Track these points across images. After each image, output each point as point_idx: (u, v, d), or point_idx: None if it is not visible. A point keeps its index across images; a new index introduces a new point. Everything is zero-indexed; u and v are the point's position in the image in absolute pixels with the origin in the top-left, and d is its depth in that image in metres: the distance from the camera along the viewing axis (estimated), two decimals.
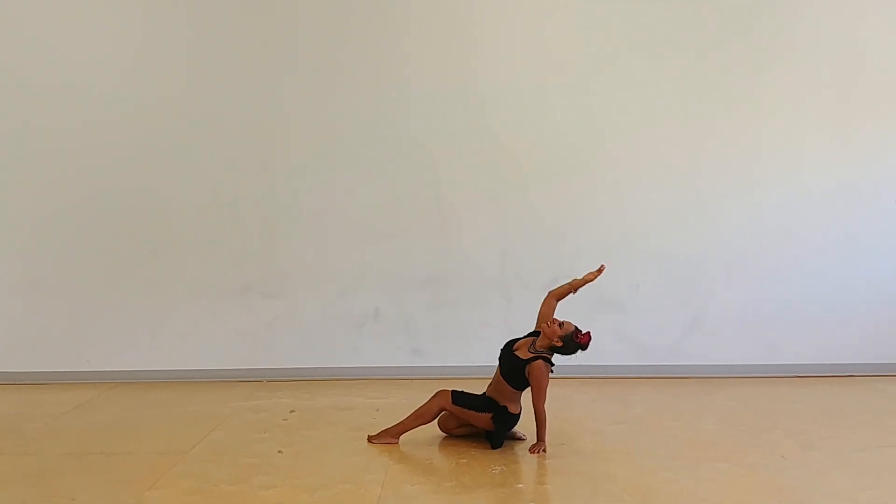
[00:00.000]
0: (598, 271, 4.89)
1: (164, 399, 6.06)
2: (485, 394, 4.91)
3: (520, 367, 4.75)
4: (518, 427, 4.97)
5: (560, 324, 4.75)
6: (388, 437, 4.90)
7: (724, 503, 4.00)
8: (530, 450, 4.73)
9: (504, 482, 4.30)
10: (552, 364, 4.75)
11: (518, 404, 4.85)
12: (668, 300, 6.57)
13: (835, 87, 6.47)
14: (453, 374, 6.05)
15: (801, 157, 6.52)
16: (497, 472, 4.45)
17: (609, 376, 6.51)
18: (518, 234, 6.53)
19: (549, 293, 4.97)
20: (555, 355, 4.77)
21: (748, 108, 6.50)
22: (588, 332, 4.72)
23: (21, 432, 5.27)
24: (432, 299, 6.45)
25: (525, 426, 4.94)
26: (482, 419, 4.81)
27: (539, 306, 4.95)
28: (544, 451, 4.70)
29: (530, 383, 4.71)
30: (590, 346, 4.73)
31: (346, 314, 6.59)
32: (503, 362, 4.86)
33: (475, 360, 5.97)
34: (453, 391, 4.86)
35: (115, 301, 6.59)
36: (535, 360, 4.71)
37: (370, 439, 4.93)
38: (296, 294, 6.59)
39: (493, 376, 4.93)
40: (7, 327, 6.61)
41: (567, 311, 6.54)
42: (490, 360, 5.88)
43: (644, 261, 6.54)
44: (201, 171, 6.53)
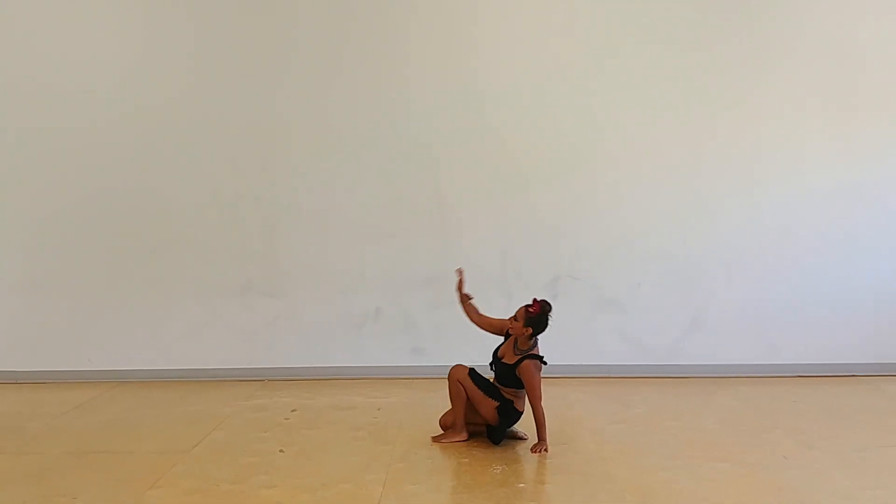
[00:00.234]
0: (458, 272, 5.03)
1: (164, 398, 6.06)
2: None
3: (510, 370, 4.76)
4: (518, 426, 4.97)
5: (515, 317, 4.78)
6: (453, 436, 4.89)
7: (724, 503, 4.01)
8: (532, 449, 4.73)
9: (505, 482, 4.30)
10: (541, 358, 4.75)
11: (523, 402, 4.85)
12: (669, 300, 6.57)
13: (835, 87, 6.47)
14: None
15: (801, 157, 6.52)
16: (498, 471, 4.45)
17: (610, 376, 6.51)
18: (518, 233, 6.53)
19: (472, 315, 5.04)
20: (538, 345, 4.79)
21: (748, 108, 6.50)
22: (534, 300, 4.74)
23: (22, 431, 5.28)
24: (433, 299, 6.45)
25: (525, 425, 4.94)
26: (488, 406, 4.79)
27: None
28: (546, 450, 4.70)
29: (524, 383, 4.72)
30: (552, 309, 4.75)
31: (346, 313, 6.59)
32: (495, 371, 4.88)
33: (476, 360, 5.93)
34: (471, 368, 4.88)
35: (116, 300, 6.60)
36: (522, 360, 4.72)
37: (435, 439, 4.93)
38: (296, 293, 6.60)
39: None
40: (8, 326, 6.62)
41: (568, 311, 6.58)
42: (490, 358, 5.90)
43: (644, 260, 6.54)
44: (202, 170, 6.54)
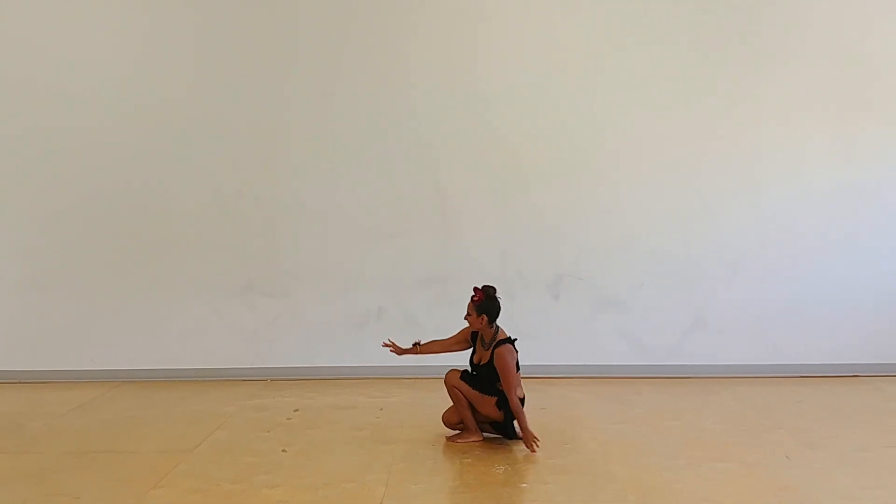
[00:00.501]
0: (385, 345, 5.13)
1: (166, 398, 6.06)
2: None
3: (490, 367, 4.76)
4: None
5: (468, 313, 4.80)
6: (468, 437, 4.89)
7: (726, 502, 4.01)
8: (525, 443, 4.71)
9: (507, 481, 4.30)
10: (511, 340, 4.75)
11: (520, 388, 4.82)
12: (670, 300, 6.57)
13: (837, 87, 6.46)
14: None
15: (802, 158, 6.51)
16: (500, 471, 4.45)
17: (611, 376, 6.51)
18: (519, 233, 6.53)
19: (436, 350, 5.10)
20: (500, 329, 4.81)
21: (750, 109, 6.49)
22: (474, 289, 4.77)
23: (24, 431, 5.28)
24: (434, 298, 6.46)
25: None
26: (488, 403, 4.79)
27: (537, 306, 4.84)
28: (536, 441, 4.67)
29: (498, 371, 4.70)
30: (496, 290, 4.78)
31: (348, 313, 6.59)
32: (478, 377, 4.85)
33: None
34: (463, 370, 4.90)
35: (117, 300, 6.60)
36: (496, 347, 4.72)
37: (449, 441, 4.92)
38: (298, 293, 6.60)
39: None
40: (10, 326, 6.62)
41: (569, 311, 6.58)
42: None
43: (646, 260, 6.54)
44: (203, 170, 6.54)
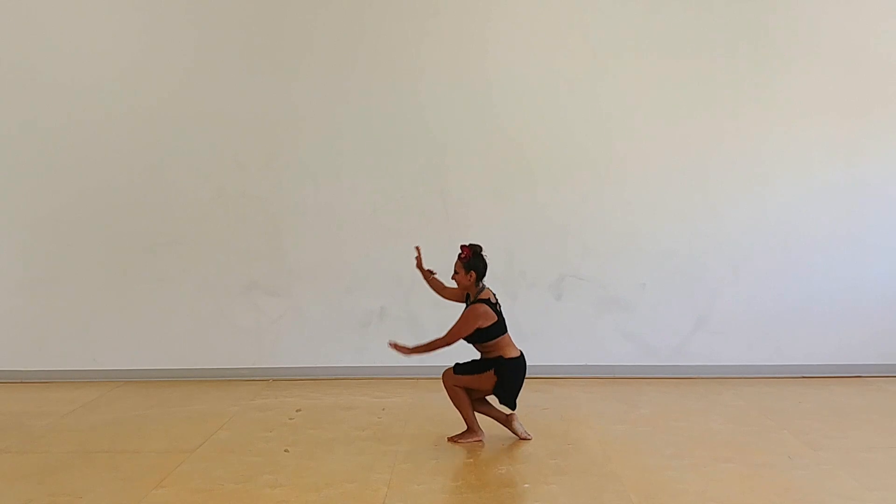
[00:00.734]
0: (417, 249, 5.15)
1: (169, 398, 6.07)
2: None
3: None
4: (513, 423, 4.96)
5: (455, 271, 4.85)
6: (469, 438, 4.89)
7: (730, 502, 4.00)
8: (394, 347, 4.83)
9: (510, 482, 4.30)
10: (492, 303, 4.77)
11: (511, 348, 4.84)
12: (675, 300, 6.55)
13: (840, 87, 6.44)
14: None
15: (806, 158, 6.49)
16: (503, 471, 4.44)
17: (615, 376, 6.50)
18: (523, 232, 6.52)
19: (438, 290, 5.19)
20: (486, 289, 4.84)
21: (755, 108, 6.47)
22: (461, 247, 4.84)
23: (27, 430, 5.29)
24: (437, 299, 6.43)
25: (525, 424, 4.94)
26: (486, 378, 4.80)
27: (541, 306, 4.88)
28: (398, 347, 4.81)
29: (458, 320, 4.78)
30: (482, 248, 4.85)
31: (351, 313, 6.59)
32: (467, 339, 4.89)
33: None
34: (454, 365, 4.90)
35: (120, 300, 6.61)
36: (473, 304, 4.79)
37: (450, 439, 4.92)
38: (301, 292, 6.60)
39: None
40: (14, 326, 6.64)
41: (573, 311, 6.57)
42: None
43: (650, 260, 6.53)
44: (207, 169, 6.54)
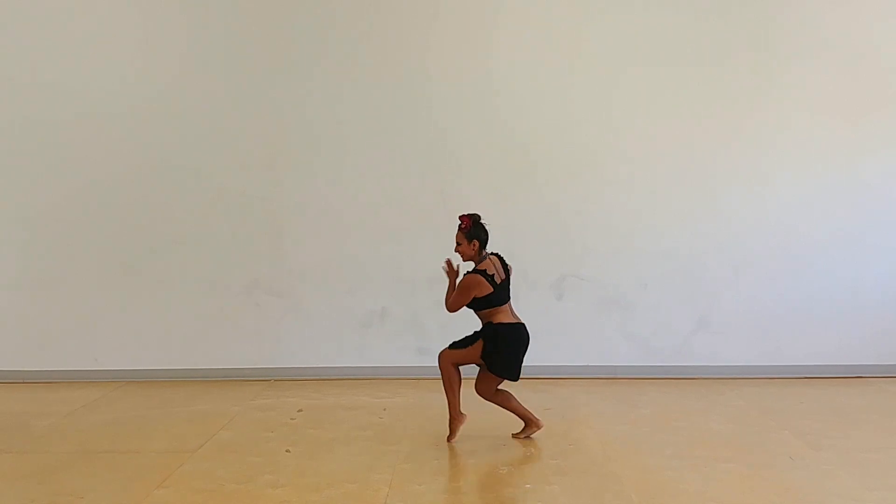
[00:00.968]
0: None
1: (171, 398, 6.07)
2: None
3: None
4: (506, 423, 4.97)
5: (458, 243, 4.88)
6: (455, 425, 4.91)
7: (731, 503, 4.00)
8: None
9: (511, 482, 4.30)
10: (487, 274, 4.78)
11: (505, 315, 4.84)
12: (676, 300, 6.56)
13: (840, 88, 6.44)
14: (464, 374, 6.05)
15: (808, 158, 6.50)
16: (504, 472, 4.45)
17: (616, 377, 6.51)
18: (525, 232, 6.52)
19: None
20: (487, 258, 4.86)
21: (756, 109, 6.47)
22: (460, 217, 4.90)
23: (29, 430, 5.30)
24: (439, 298, 6.43)
25: (507, 422, 4.95)
26: (476, 348, 4.82)
27: (543, 306, 4.83)
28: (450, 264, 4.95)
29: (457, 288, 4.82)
30: (480, 217, 4.91)
31: (353, 313, 6.60)
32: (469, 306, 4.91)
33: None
34: (450, 345, 4.93)
35: (122, 300, 6.62)
36: (468, 274, 4.82)
37: (450, 440, 4.93)
38: (303, 293, 6.61)
39: None
40: (15, 326, 6.64)
41: (574, 311, 6.57)
42: None
43: (651, 260, 6.53)
44: (209, 169, 6.55)
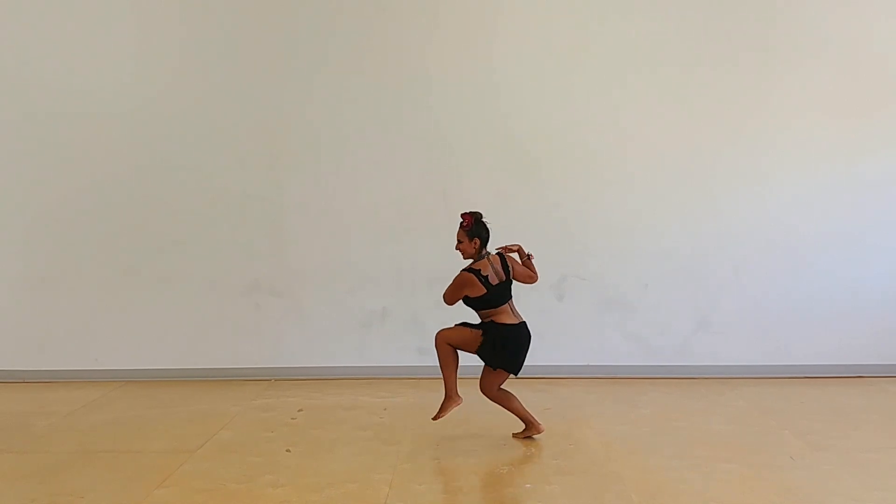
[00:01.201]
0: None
1: (171, 398, 6.07)
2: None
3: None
4: (506, 423, 4.97)
5: (459, 241, 4.89)
6: (448, 404, 4.89)
7: (732, 502, 4.00)
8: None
9: (512, 482, 4.30)
10: (481, 274, 4.79)
11: (506, 316, 4.85)
12: (677, 300, 6.55)
13: (841, 86, 6.42)
14: (460, 373, 6.03)
15: (807, 157, 6.48)
16: (505, 471, 4.45)
17: (616, 376, 6.50)
18: (525, 232, 6.48)
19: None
20: (486, 257, 4.88)
21: (756, 108, 6.46)
22: (462, 215, 4.89)
23: (30, 430, 5.30)
24: (439, 299, 6.44)
25: (507, 422, 4.95)
26: (474, 337, 4.84)
27: (544, 306, 4.86)
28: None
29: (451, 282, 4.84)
30: (482, 214, 4.92)
31: (353, 313, 6.59)
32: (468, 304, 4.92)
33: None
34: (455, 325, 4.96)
35: (122, 300, 6.61)
36: (462, 271, 4.84)
37: (435, 419, 4.92)
38: (303, 293, 6.61)
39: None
40: (15, 326, 6.64)
41: (575, 311, 6.57)
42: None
43: (651, 260, 6.52)
44: (209, 169, 6.55)
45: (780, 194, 6.51)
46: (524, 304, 6.40)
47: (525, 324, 4.91)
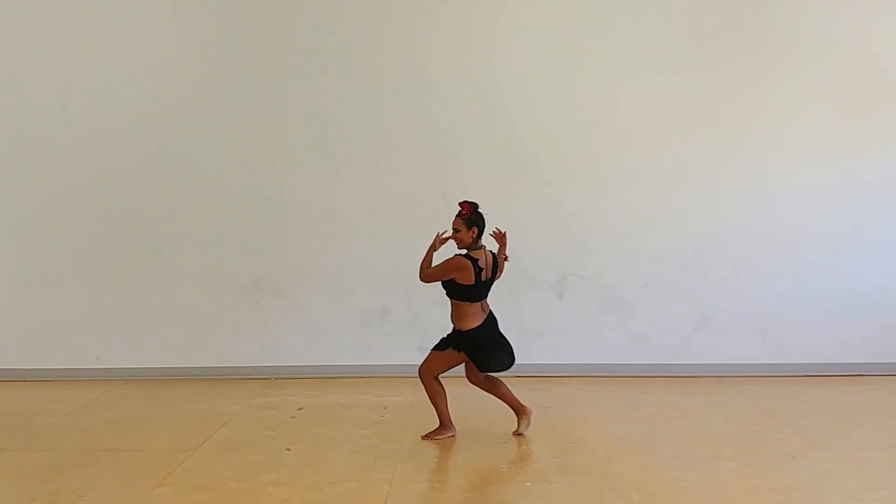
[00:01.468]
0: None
1: (172, 396, 6.07)
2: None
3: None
4: (522, 417, 4.97)
5: (456, 229, 4.82)
6: (441, 433, 4.91)
7: (732, 501, 4.00)
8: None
9: (512, 480, 4.30)
10: (480, 267, 4.76)
11: (471, 319, 4.82)
12: (677, 299, 6.55)
13: (841, 85, 6.43)
14: (460, 372, 6.04)
15: (808, 156, 6.49)
16: (505, 470, 4.44)
17: (617, 375, 6.49)
18: (525, 231, 6.49)
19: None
20: (481, 248, 4.84)
21: (757, 108, 6.47)
22: (460, 204, 4.83)
23: (31, 429, 5.30)
24: (439, 297, 6.41)
25: (507, 420, 4.95)
26: (450, 355, 4.85)
27: (544, 306, 4.83)
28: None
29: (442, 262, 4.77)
30: (478, 204, 4.85)
31: (353, 312, 6.60)
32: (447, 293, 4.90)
33: None
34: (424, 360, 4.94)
35: (123, 298, 6.62)
36: (459, 255, 4.80)
37: (424, 438, 4.93)
38: (304, 291, 6.61)
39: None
40: (16, 324, 6.65)
41: (575, 310, 6.56)
42: None
43: (652, 259, 6.52)
44: (210, 168, 6.55)
45: (781, 193, 6.51)
46: (525, 302, 6.45)
47: (490, 313, 4.90)
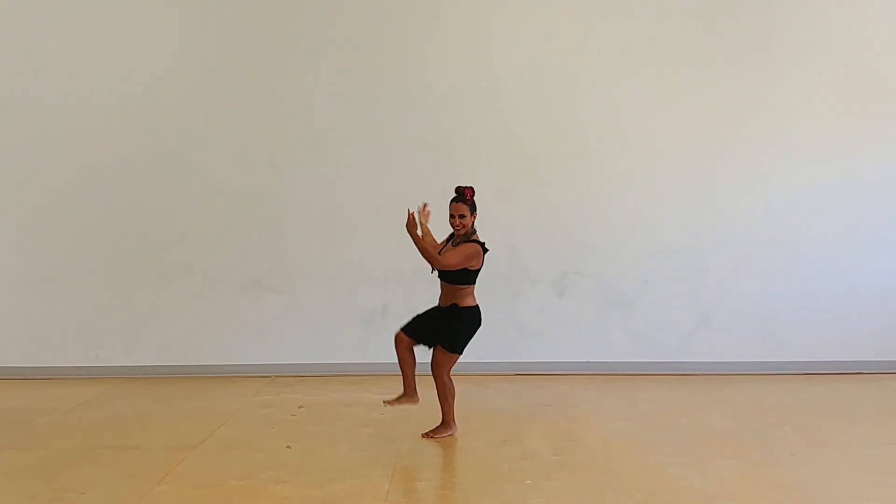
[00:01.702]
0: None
1: (172, 394, 6.08)
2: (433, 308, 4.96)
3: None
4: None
5: (462, 214, 4.81)
6: (445, 431, 4.92)
7: (732, 499, 4.00)
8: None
9: (512, 478, 4.30)
10: (483, 244, 4.78)
11: (471, 297, 4.84)
12: (677, 296, 6.55)
13: (841, 84, 6.42)
14: (460, 371, 6.04)
15: (809, 153, 6.48)
16: (505, 468, 4.44)
17: (617, 373, 6.50)
18: (525, 229, 6.52)
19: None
20: (476, 233, 4.85)
21: (757, 106, 6.46)
22: (459, 189, 4.87)
23: (31, 427, 5.30)
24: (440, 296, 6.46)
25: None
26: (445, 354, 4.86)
27: (544, 303, 4.84)
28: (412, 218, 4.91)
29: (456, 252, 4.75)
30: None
31: (354, 310, 6.59)
32: (440, 276, 4.90)
33: (483, 357, 5.95)
34: (402, 328, 4.98)
35: (123, 296, 6.62)
36: (468, 242, 4.76)
37: (424, 435, 4.94)
38: (304, 289, 6.61)
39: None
40: (16, 322, 6.64)
41: (576, 308, 6.56)
42: (497, 356, 5.89)
43: (653, 257, 6.52)
44: (209, 166, 6.54)
45: (781, 192, 6.51)
46: (525, 300, 6.45)
47: (478, 306, 4.91)
